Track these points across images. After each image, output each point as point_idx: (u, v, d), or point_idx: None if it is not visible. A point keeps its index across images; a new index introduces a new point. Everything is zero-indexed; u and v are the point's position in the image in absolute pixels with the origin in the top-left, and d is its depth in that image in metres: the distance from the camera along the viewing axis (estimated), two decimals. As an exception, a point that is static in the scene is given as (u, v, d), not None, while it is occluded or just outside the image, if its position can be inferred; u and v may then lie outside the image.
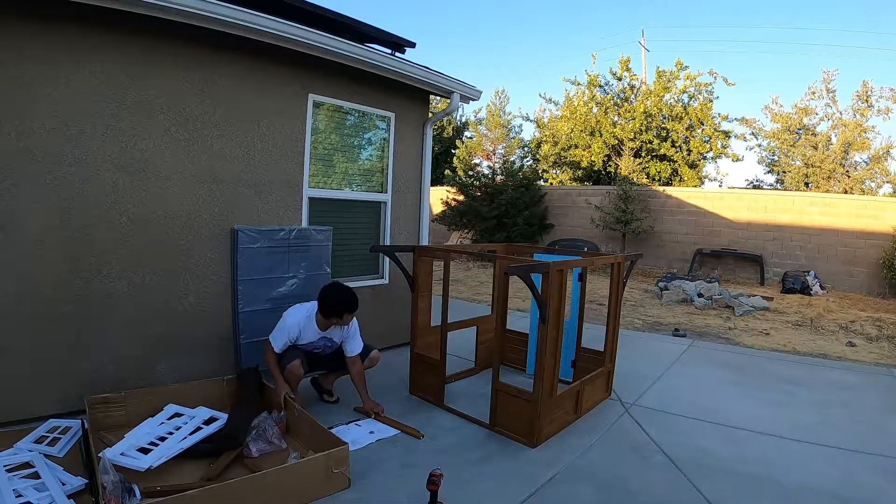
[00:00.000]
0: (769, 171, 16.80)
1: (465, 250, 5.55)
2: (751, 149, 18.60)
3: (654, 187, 13.81)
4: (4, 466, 2.40)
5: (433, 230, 12.98)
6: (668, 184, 15.02)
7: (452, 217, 14.91)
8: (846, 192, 13.63)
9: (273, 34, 3.60)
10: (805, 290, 10.05)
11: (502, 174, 15.50)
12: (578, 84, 16.99)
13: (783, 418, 3.67)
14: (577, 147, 16.63)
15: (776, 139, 15.65)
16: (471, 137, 20.11)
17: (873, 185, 14.36)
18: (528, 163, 19.62)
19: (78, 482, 2.37)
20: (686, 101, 15.61)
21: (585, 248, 11.56)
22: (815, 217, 11.18)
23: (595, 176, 16.86)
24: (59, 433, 2.80)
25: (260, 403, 3.25)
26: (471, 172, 16.98)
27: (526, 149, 20.37)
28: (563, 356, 3.48)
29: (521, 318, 6.00)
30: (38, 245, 3.04)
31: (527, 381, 3.40)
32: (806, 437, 3.36)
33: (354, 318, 3.45)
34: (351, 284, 4.70)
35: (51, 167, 3.05)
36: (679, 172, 15.36)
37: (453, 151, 20.20)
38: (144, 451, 2.63)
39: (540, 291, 3.03)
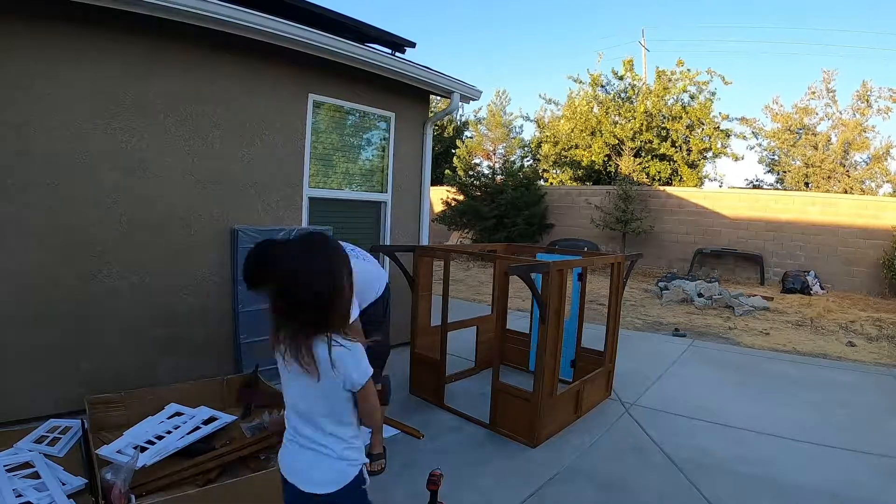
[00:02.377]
0: (769, 171, 16.80)
1: (465, 250, 5.56)
2: (751, 148, 18.65)
3: (654, 187, 13.81)
4: (4, 466, 2.40)
5: (433, 230, 12.97)
6: (668, 183, 15.01)
7: (452, 217, 14.91)
8: (846, 192, 13.62)
9: (273, 34, 3.60)
10: (805, 289, 10.05)
11: (502, 174, 15.50)
12: (581, 83, 17.00)
13: (783, 418, 3.67)
14: (577, 147, 16.63)
15: (776, 139, 15.64)
16: (471, 137, 20.09)
17: (873, 184, 14.36)
18: (529, 162, 19.61)
19: (78, 482, 2.37)
20: (686, 100, 15.61)
21: (585, 248, 11.56)
22: (816, 217, 11.17)
23: (595, 176, 16.86)
24: (59, 433, 2.79)
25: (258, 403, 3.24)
26: (471, 172, 16.98)
27: (526, 148, 20.36)
28: (563, 356, 3.48)
29: (521, 318, 6.00)
30: (38, 245, 3.03)
31: (527, 381, 3.40)
32: (806, 437, 3.36)
33: None
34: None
35: (51, 167, 3.04)
36: (679, 172, 15.35)
37: (453, 151, 20.18)
38: (142, 449, 2.63)
39: (540, 291, 3.03)
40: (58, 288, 3.11)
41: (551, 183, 18.11)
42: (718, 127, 15.39)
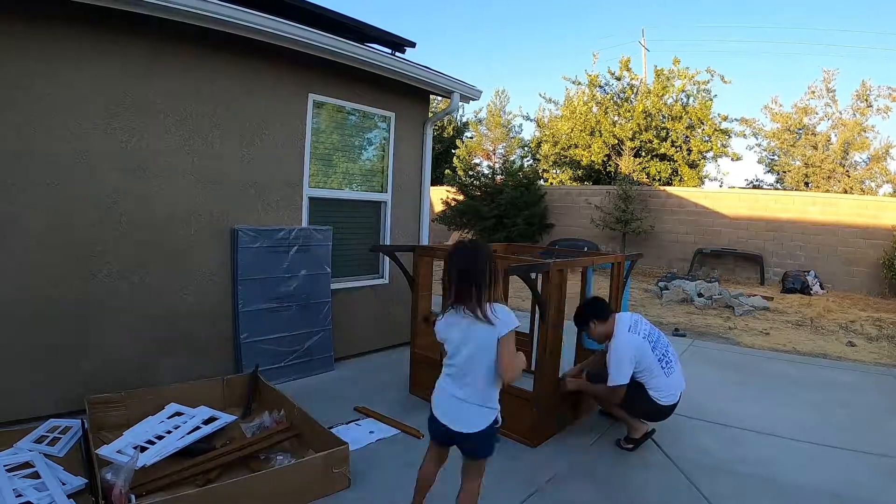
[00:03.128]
0: (769, 171, 16.81)
1: (465, 250, 5.54)
2: (751, 148, 18.65)
3: (654, 187, 13.81)
4: (4, 466, 2.40)
5: (433, 230, 12.97)
6: (668, 183, 15.01)
7: (452, 217, 14.92)
8: (846, 192, 13.62)
9: (273, 34, 3.60)
10: (805, 289, 10.05)
11: (502, 174, 15.51)
12: (579, 83, 17.01)
13: (783, 418, 3.67)
14: (577, 147, 16.63)
15: (776, 139, 15.65)
16: (471, 137, 20.13)
17: (873, 184, 14.36)
18: (529, 162, 19.62)
19: (78, 482, 2.37)
20: (685, 100, 15.60)
21: (585, 248, 11.56)
22: (816, 216, 11.17)
23: (595, 175, 16.86)
24: (59, 433, 2.79)
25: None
26: (471, 172, 16.99)
27: (526, 148, 20.38)
28: (563, 356, 3.48)
29: (520, 319, 5.98)
30: (38, 245, 3.04)
31: (527, 381, 3.40)
32: (806, 437, 3.36)
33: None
34: (351, 284, 4.74)
35: (51, 167, 3.04)
36: (679, 172, 15.36)
37: (453, 151, 20.21)
38: (142, 449, 2.63)
39: (540, 291, 3.03)
40: (58, 288, 3.11)
41: (551, 183, 18.12)
42: (718, 126, 15.40)
